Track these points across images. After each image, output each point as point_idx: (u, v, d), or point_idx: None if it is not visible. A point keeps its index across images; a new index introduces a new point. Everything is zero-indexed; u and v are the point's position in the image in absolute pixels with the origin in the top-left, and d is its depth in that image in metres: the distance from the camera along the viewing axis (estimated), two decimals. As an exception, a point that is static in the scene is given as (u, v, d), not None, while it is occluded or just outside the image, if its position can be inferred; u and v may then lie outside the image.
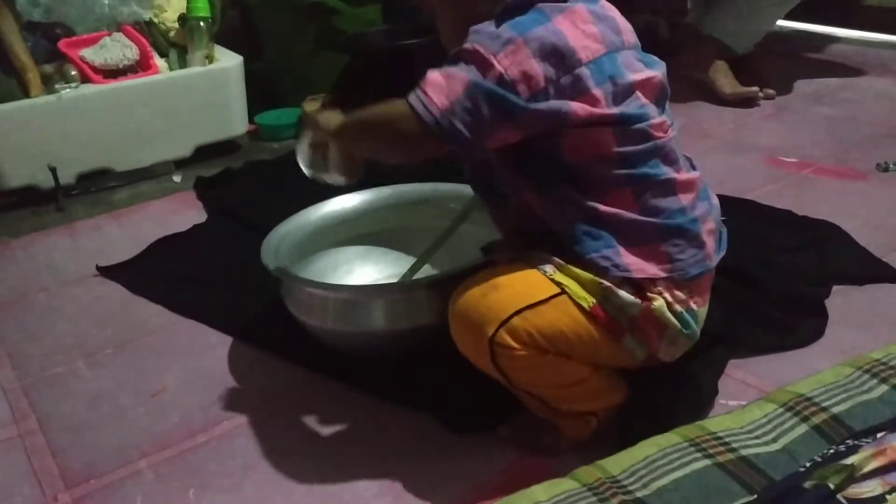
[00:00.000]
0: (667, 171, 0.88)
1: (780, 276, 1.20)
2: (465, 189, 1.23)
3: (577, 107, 0.83)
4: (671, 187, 0.88)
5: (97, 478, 0.97)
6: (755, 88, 2.02)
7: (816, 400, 0.91)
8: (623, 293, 0.86)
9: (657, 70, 0.91)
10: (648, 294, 0.87)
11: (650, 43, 0.99)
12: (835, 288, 1.20)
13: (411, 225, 1.27)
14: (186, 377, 1.14)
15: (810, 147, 1.75)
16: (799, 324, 1.11)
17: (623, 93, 0.86)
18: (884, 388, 0.93)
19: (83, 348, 1.24)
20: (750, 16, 2.04)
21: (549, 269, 0.86)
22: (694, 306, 0.90)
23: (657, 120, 0.88)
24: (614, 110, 0.85)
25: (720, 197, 0.98)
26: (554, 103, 0.83)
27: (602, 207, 0.86)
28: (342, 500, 0.90)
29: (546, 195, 0.89)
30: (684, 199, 0.89)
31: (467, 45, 0.84)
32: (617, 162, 0.86)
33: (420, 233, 1.23)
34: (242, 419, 1.05)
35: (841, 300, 1.17)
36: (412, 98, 0.84)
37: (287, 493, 0.92)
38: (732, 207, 1.38)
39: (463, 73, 0.82)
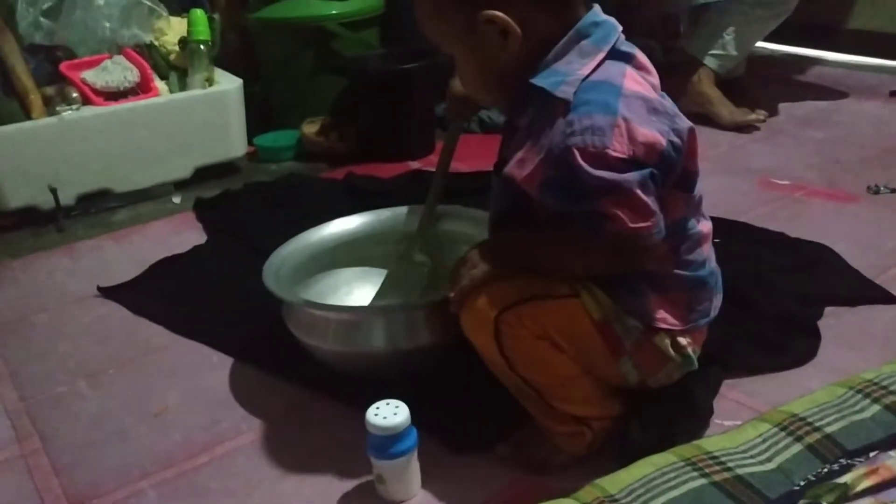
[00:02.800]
0: (696, 225, 0.92)
1: (773, 297, 1.22)
2: (463, 210, 1.25)
3: (688, 162, 0.86)
4: (699, 240, 0.92)
5: (100, 497, 0.98)
6: (753, 116, 2.05)
7: (810, 420, 0.93)
8: (631, 319, 0.89)
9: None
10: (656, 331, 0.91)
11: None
12: (827, 309, 1.22)
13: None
14: (188, 397, 1.15)
15: (802, 169, 1.78)
16: (792, 344, 1.13)
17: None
18: (876, 407, 0.94)
19: (85, 368, 1.25)
20: (725, 35, 2.07)
21: None
22: (695, 348, 0.95)
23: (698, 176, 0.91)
24: (695, 166, 0.88)
25: (714, 219, 1.00)
26: (677, 169, 0.85)
27: None
28: (343, 520, 0.91)
29: None
30: (706, 249, 0.93)
31: (574, 152, 0.80)
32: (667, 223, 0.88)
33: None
34: (244, 439, 1.06)
35: (833, 321, 1.19)
36: (619, 248, 0.84)
37: (289, 512, 0.93)
38: (726, 229, 1.41)
39: (623, 182, 0.80)
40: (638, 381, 0.93)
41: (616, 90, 0.82)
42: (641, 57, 0.90)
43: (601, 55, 0.86)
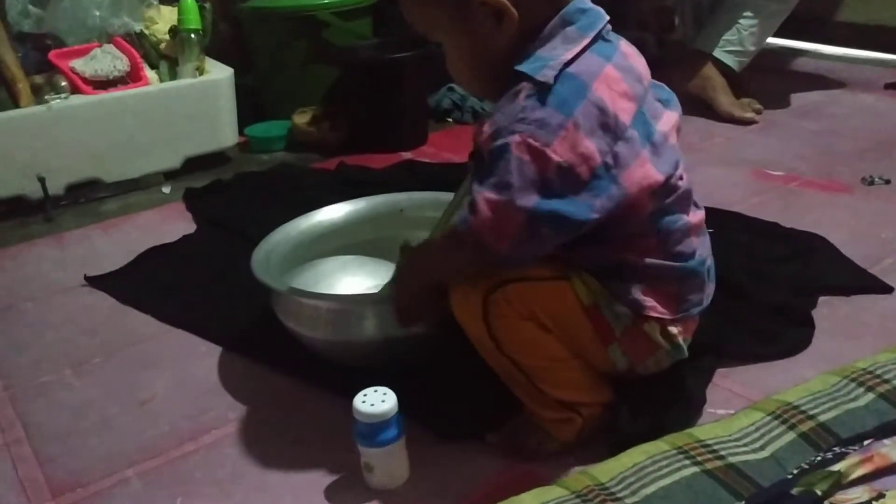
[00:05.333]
0: (683, 217, 0.91)
1: (767, 286, 1.21)
2: (440, 196, 1.23)
3: (630, 184, 0.83)
4: (687, 232, 0.91)
5: (84, 486, 0.96)
6: (750, 115, 2.03)
7: (803, 408, 0.92)
8: (621, 306, 0.88)
9: (675, 109, 0.90)
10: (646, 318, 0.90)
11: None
12: (821, 299, 1.21)
13: (389, 235, 1.27)
14: (175, 386, 1.14)
15: (796, 160, 1.77)
16: (786, 333, 1.12)
17: (659, 147, 0.87)
18: (870, 396, 0.94)
19: (71, 357, 1.23)
20: (741, 31, 2.06)
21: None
22: (685, 337, 0.94)
23: (681, 169, 0.90)
24: (659, 176, 0.86)
25: (707, 209, 0.99)
26: (613, 192, 0.82)
27: (627, 256, 0.88)
28: (331, 509, 0.90)
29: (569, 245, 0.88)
30: (695, 241, 0.92)
31: (516, 137, 0.79)
32: (647, 217, 0.87)
33: (398, 242, 1.24)
34: (231, 428, 1.04)
35: (827, 310, 1.18)
36: (471, 242, 0.83)
37: (275, 501, 0.92)
38: (720, 219, 1.40)
39: (517, 199, 0.78)
40: (626, 368, 0.92)
41: (583, 92, 0.82)
42: (626, 46, 0.89)
43: (585, 41, 0.85)
